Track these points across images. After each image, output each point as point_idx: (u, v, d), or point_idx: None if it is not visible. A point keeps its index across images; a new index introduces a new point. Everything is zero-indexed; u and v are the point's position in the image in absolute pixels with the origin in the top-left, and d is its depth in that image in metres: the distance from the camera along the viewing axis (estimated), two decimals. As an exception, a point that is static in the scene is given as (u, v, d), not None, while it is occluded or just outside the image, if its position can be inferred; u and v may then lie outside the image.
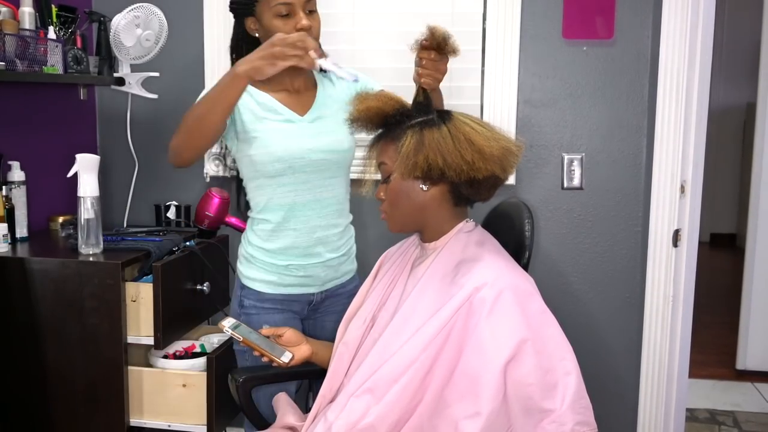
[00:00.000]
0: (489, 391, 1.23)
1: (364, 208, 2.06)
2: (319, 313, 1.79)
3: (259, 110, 1.64)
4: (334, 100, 1.72)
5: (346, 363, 1.47)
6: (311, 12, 1.62)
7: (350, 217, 1.80)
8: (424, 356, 1.29)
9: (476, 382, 1.25)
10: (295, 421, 1.55)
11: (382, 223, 1.46)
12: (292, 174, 1.63)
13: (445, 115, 1.38)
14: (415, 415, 1.30)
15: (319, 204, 1.68)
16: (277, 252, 1.68)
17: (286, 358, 1.54)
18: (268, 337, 1.56)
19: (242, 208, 1.81)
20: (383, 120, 1.41)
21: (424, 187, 1.38)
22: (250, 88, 1.60)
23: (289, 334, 1.57)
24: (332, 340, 1.59)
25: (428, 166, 1.33)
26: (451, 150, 1.32)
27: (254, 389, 1.67)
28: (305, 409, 1.68)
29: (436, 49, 1.43)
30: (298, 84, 1.70)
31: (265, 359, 1.55)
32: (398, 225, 1.45)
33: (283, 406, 1.62)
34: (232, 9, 1.69)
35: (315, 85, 1.74)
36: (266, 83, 1.62)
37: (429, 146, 1.32)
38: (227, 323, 1.52)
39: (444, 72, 1.47)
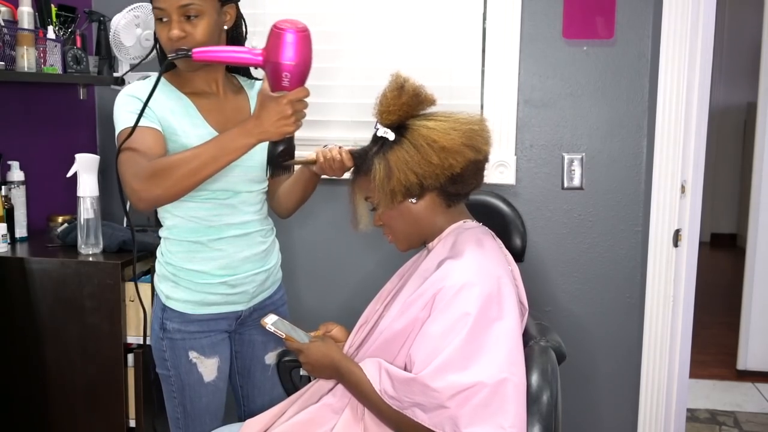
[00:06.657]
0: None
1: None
2: (247, 327, 1.73)
3: (178, 121, 1.54)
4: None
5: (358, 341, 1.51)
6: (191, 17, 1.46)
7: (270, 223, 1.73)
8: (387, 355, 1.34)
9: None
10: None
11: None
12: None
13: (401, 128, 1.38)
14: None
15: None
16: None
17: None
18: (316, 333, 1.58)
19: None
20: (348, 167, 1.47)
21: (413, 201, 1.39)
22: (167, 89, 1.55)
23: (336, 330, 1.60)
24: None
25: (405, 187, 1.34)
26: (418, 161, 1.32)
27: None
28: None
29: None
30: (215, 86, 1.61)
31: None
32: (405, 244, 1.47)
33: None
34: None
35: (238, 91, 1.66)
36: (180, 83, 1.57)
37: (397, 168, 1.34)
38: (269, 320, 1.50)
39: None
